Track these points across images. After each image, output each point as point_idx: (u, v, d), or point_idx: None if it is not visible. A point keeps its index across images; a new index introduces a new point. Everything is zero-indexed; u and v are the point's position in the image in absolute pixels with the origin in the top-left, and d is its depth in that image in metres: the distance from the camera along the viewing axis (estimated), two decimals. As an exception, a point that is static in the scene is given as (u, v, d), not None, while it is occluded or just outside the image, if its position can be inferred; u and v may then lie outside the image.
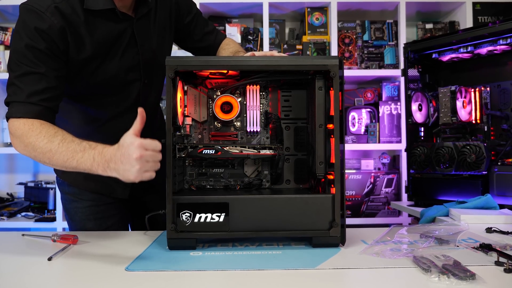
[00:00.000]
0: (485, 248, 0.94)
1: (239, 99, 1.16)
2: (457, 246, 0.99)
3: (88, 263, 0.92)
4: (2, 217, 2.41)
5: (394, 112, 2.43)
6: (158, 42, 1.24)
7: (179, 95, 1.05)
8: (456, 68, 1.82)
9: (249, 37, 2.48)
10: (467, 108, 1.67)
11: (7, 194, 2.69)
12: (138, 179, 0.88)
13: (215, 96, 1.15)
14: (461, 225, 1.19)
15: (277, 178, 1.15)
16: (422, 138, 1.83)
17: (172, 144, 0.99)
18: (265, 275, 0.83)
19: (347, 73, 2.42)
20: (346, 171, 2.26)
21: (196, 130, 1.16)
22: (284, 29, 2.67)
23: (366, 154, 2.65)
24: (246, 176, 1.16)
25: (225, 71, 1.08)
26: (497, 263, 0.85)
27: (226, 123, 1.16)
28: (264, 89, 1.17)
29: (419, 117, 1.79)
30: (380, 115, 2.43)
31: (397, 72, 2.42)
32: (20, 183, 2.63)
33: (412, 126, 1.81)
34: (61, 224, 2.39)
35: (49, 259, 0.93)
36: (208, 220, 0.98)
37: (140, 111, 0.91)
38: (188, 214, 0.98)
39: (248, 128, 1.15)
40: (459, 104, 1.66)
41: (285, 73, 1.10)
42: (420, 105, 1.78)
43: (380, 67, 2.49)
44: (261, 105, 1.17)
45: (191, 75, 1.11)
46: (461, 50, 1.70)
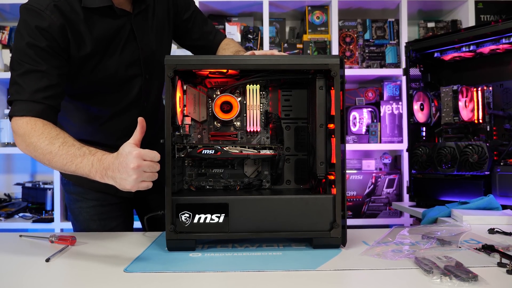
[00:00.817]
0: (488, 249, 0.94)
1: (239, 99, 1.15)
2: (459, 247, 0.99)
3: (86, 264, 0.92)
4: (-1, 218, 2.41)
5: (396, 112, 2.43)
6: (157, 38, 1.25)
7: (178, 94, 1.05)
8: (458, 67, 1.82)
9: (249, 36, 2.48)
10: (469, 107, 1.67)
11: (5, 194, 2.69)
12: (135, 188, 0.90)
13: (214, 96, 1.15)
14: (463, 226, 1.19)
15: (277, 178, 1.15)
16: (424, 138, 1.83)
17: (171, 144, 0.99)
18: (265, 276, 0.83)
19: (348, 72, 2.42)
20: (347, 171, 2.26)
21: (196, 130, 1.16)
22: (285, 28, 2.67)
23: (367, 154, 2.65)
24: (246, 177, 1.16)
25: (224, 71, 1.08)
26: (500, 264, 0.85)
27: (225, 123, 1.16)
28: (264, 88, 1.17)
29: (420, 116, 1.79)
30: (382, 114, 2.43)
31: (398, 72, 2.42)
32: (18, 184, 2.63)
33: (414, 126, 1.81)
34: (59, 225, 2.39)
35: (47, 260, 0.93)
36: (207, 221, 0.98)
37: (140, 120, 0.93)
38: (188, 215, 0.98)
39: (248, 128, 1.15)
40: (461, 104, 1.66)
41: (285, 73, 1.10)
42: (422, 104, 1.78)
43: (382, 66, 2.49)
44: (261, 104, 1.17)
45: (190, 74, 1.11)
46: (463, 49, 1.70)
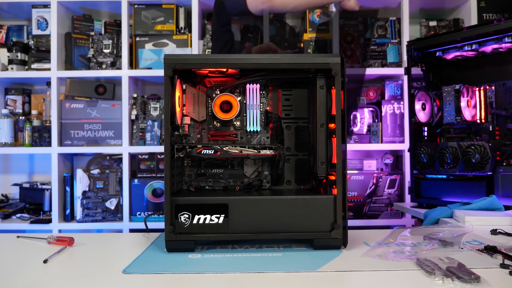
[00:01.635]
0: (490, 250, 0.94)
1: (239, 98, 1.15)
2: (462, 248, 0.99)
3: (85, 265, 0.92)
4: (-4, 219, 2.41)
5: (397, 112, 2.43)
6: None
7: (177, 94, 1.05)
8: (461, 67, 1.82)
9: (249, 34, 2.48)
10: (472, 107, 1.67)
11: (2, 195, 2.69)
12: None
13: (214, 95, 1.15)
14: (466, 227, 1.19)
15: (277, 178, 1.15)
16: (426, 138, 1.83)
17: (170, 144, 0.99)
18: (265, 277, 0.83)
19: (349, 71, 2.42)
20: (348, 171, 2.26)
21: (195, 130, 1.16)
22: (285, 27, 2.67)
23: (368, 154, 2.65)
24: (246, 177, 1.16)
25: (224, 70, 1.08)
26: (502, 265, 0.85)
27: (225, 123, 1.16)
28: (264, 88, 1.17)
29: (422, 116, 1.79)
30: (383, 114, 2.43)
31: (400, 71, 2.43)
32: (15, 184, 2.64)
33: (416, 125, 1.81)
34: (56, 226, 2.39)
35: (45, 261, 0.93)
36: (207, 221, 0.98)
37: None
38: (187, 216, 0.98)
39: (248, 127, 1.15)
40: (463, 103, 1.66)
41: (285, 72, 1.10)
42: (423, 104, 1.78)
43: (383, 65, 2.49)
44: (261, 104, 1.17)
45: (189, 73, 1.11)
46: (466, 48, 1.70)
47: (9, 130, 2.49)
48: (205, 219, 0.98)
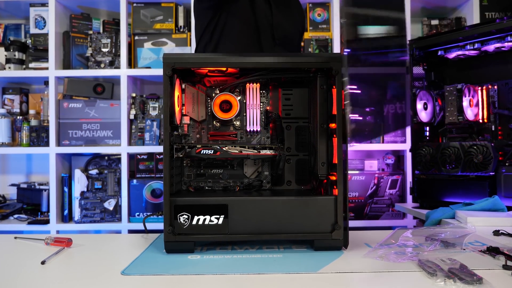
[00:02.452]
0: (493, 251, 0.94)
1: (239, 98, 1.15)
2: (464, 250, 0.99)
3: (83, 266, 0.92)
4: (-6, 220, 2.41)
5: (399, 111, 2.43)
6: None
7: (176, 93, 1.05)
8: (463, 66, 1.82)
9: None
10: (474, 107, 1.67)
11: (-1, 195, 2.69)
12: None
13: (213, 95, 1.15)
14: (468, 227, 1.19)
15: (277, 179, 1.15)
16: (428, 138, 1.83)
17: (170, 144, 0.99)
18: (265, 279, 0.83)
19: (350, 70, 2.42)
20: (349, 172, 2.26)
21: (194, 130, 1.16)
22: (285, 26, 2.67)
23: (369, 155, 2.65)
24: (246, 177, 1.16)
25: (224, 69, 1.08)
26: (505, 267, 0.85)
27: (225, 123, 1.16)
28: (264, 87, 1.17)
29: (424, 116, 1.79)
30: (384, 114, 2.43)
31: (401, 70, 2.42)
32: (13, 184, 2.64)
33: (417, 125, 1.81)
34: (54, 227, 2.39)
35: (43, 262, 0.93)
36: (206, 222, 0.98)
37: None
38: (186, 217, 0.98)
39: (248, 127, 1.15)
40: (465, 103, 1.66)
41: (286, 71, 1.10)
42: (425, 103, 1.78)
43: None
44: (261, 103, 1.17)
45: (189, 72, 1.11)
46: (468, 47, 1.70)
47: (6, 130, 2.49)
48: (204, 219, 0.98)
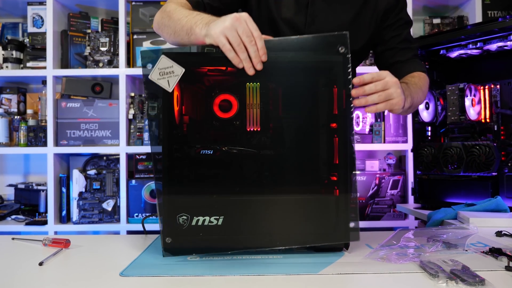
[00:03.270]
0: (495, 252, 0.94)
1: (239, 97, 1.15)
2: (466, 251, 0.99)
3: (81, 268, 0.92)
4: (-9, 220, 2.41)
5: (400, 111, 2.43)
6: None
7: (175, 93, 1.05)
8: (465, 65, 1.82)
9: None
10: (476, 106, 1.67)
11: (-3, 196, 2.69)
12: (219, 35, 0.97)
13: (213, 94, 1.15)
14: (470, 228, 1.19)
15: (278, 179, 1.15)
16: (429, 138, 1.83)
17: (169, 144, 0.98)
18: (265, 280, 0.83)
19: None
20: (350, 172, 2.25)
21: (194, 130, 1.16)
22: (285, 24, 2.67)
23: (370, 155, 2.65)
24: (246, 177, 1.16)
25: (224, 68, 1.07)
26: (508, 268, 0.85)
27: (225, 122, 1.16)
28: (264, 86, 1.17)
29: (426, 116, 1.79)
30: (386, 113, 2.43)
31: (403, 69, 2.42)
32: (10, 185, 2.63)
33: (419, 125, 1.81)
34: (52, 228, 2.39)
35: (40, 264, 0.93)
36: (206, 223, 0.98)
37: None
38: (185, 217, 0.98)
39: (248, 127, 1.14)
40: (467, 102, 1.66)
41: (286, 70, 1.10)
42: (427, 103, 1.78)
43: (386, 63, 2.49)
44: (261, 103, 1.17)
45: (188, 71, 1.11)
46: (470, 46, 1.70)
47: (3, 129, 2.49)
48: (203, 220, 0.98)
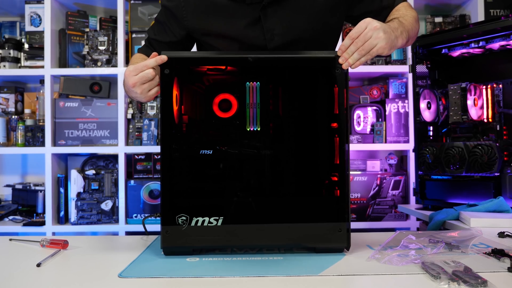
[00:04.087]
0: (498, 253, 0.94)
1: (238, 97, 1.15)
2: (468, 252, 0.99)
3: (79, 269, 0.92)
4: (-12, 221, 2.41)
5: (402, 111, 2.43)
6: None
7: (174, 92, 1.05)
8: (467, 64, 1.82)
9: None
10: (479, 106, 1.67)
11: (-6, 196, 2.69)
12: (148, 100, 1.11)
13: (213, 94, 1.15)
14: (473, 230, 1.19)
15: (278, 180, 1.15)
16: (431, 137, 1.83)
17: (168, 144, 0.98)
18: (266, 282, 0.83)
19: (351, 69, 2.42)
20: (351, 172, 2.25)
21: (193, 129, 1.16)
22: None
23: (372, 155, 2.65)
24: (246, 178, 1.16)
25: (223, 67, 1.08)
26: (510, 269, 0.85)
27: (224, 122, 1.16)
28: (264, 86, 1.17)
29: (427, 115, 1.79)
30: (387, 113, 2.43)
31: (404, 68, 2.42)
32: (8, 185, 2.63)
33: (421, 125, 1.81)
34: (50, 229, 2.39)
35: (38, 265, 0.93)
36: (205, 224, 0.98)
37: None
38: (184, 218, 0.98)
39: (248, 127, 1.14)
40: (470, 102, 1.66)
41: (286, 69, 1.10)
42: (429, 103, 1.78)
43: (387, 63, 2.49)
44: (261, 103, 1.17)
45: (187, 71, 1.11)
46: (472, 45, 1.70)
47: (1, 129, 2.49)
48: (203, 221, 0.98)
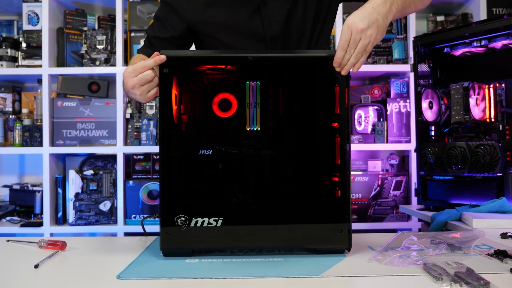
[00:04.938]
0: (500, 254, 0.94)
1: (238, 96, 1.15)
2: (470, 253, 0.99)
3: (77, 270, 0.92)
4: (-15, 222, 2.41)
5: (403, 110, 2.43)
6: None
7: (174, 92, 1.05)
8: (469, 63, 1.82)
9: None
10: (481, 105, 1.67)
11: (-9, 197, 2.69)
12: (147, 100, 1.12)
13: (212, 93, 1.15)
14: (476, 231, 1.19)
15: (278, 180, 1.15)
16: (433, 137, 1.83)
17: (167, 144, 0.98)
18: (266, 283, 0.83)
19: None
20: (352, 172, 2.26)
21: (192, 129, 1.16)
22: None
23: (373, 155, 2.65)
24: (246, 178, 1.16)
25: (223, 66, 1.08)
26: (513, 270, 0.85)
27: (224, 122, 1.16)
28: (264, 85, 1.17)
29: (429, 115, 1.79)
30: (388, 113, 2.43)
31: (406, 68, 2.42)
32: (5, 186, 2.63)
33: (422, 125, 1.81)
34: (48, 229, 2.39)
35: (36, 266, 0.93)
36: (204, 225, 0.98)
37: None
38: (184, 219, 0.98)
39: (248, 126, 1.14)
40: (472, 102, 1.66)
41: (286, 69, 1.10)
42: (430, 102, 1.78)
43: (388, 62, 2.49)
44: (261, 102, 1.17)
45: (187, 70, 1.11)
46: (475, 44, 1.70)
47: (-2, 129, 2.49)
48: (203, 222, 0.98)
